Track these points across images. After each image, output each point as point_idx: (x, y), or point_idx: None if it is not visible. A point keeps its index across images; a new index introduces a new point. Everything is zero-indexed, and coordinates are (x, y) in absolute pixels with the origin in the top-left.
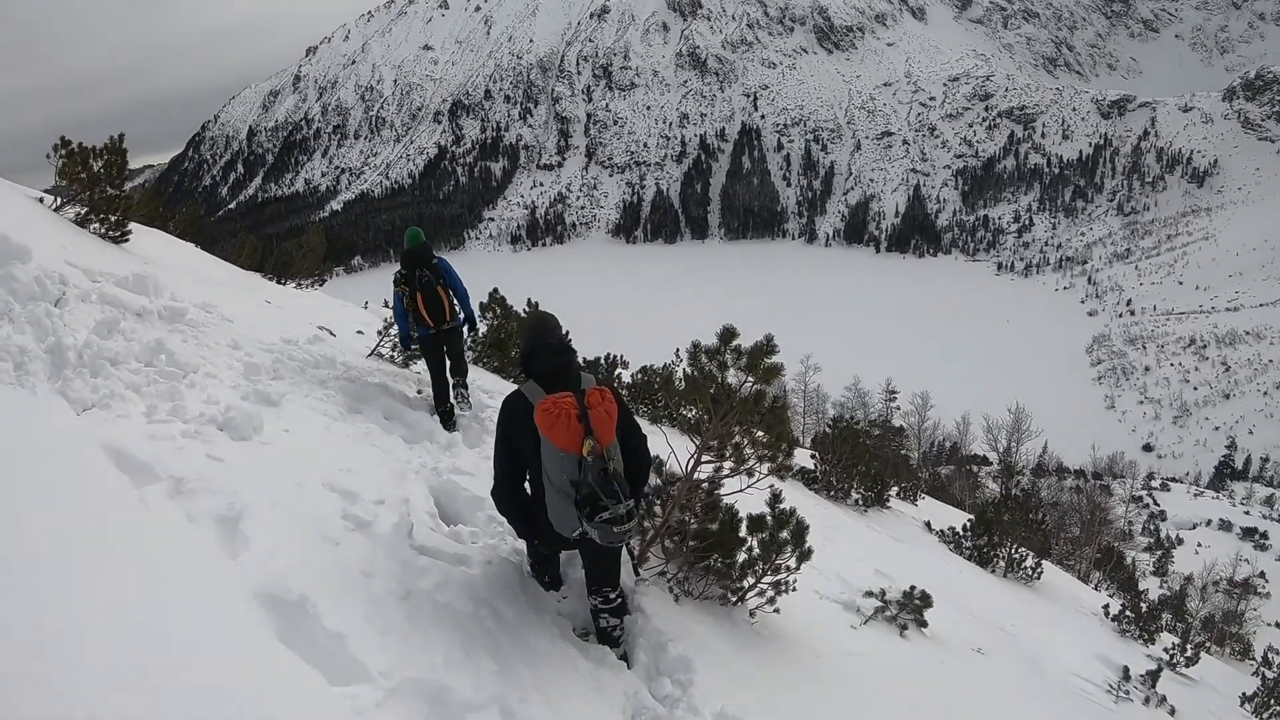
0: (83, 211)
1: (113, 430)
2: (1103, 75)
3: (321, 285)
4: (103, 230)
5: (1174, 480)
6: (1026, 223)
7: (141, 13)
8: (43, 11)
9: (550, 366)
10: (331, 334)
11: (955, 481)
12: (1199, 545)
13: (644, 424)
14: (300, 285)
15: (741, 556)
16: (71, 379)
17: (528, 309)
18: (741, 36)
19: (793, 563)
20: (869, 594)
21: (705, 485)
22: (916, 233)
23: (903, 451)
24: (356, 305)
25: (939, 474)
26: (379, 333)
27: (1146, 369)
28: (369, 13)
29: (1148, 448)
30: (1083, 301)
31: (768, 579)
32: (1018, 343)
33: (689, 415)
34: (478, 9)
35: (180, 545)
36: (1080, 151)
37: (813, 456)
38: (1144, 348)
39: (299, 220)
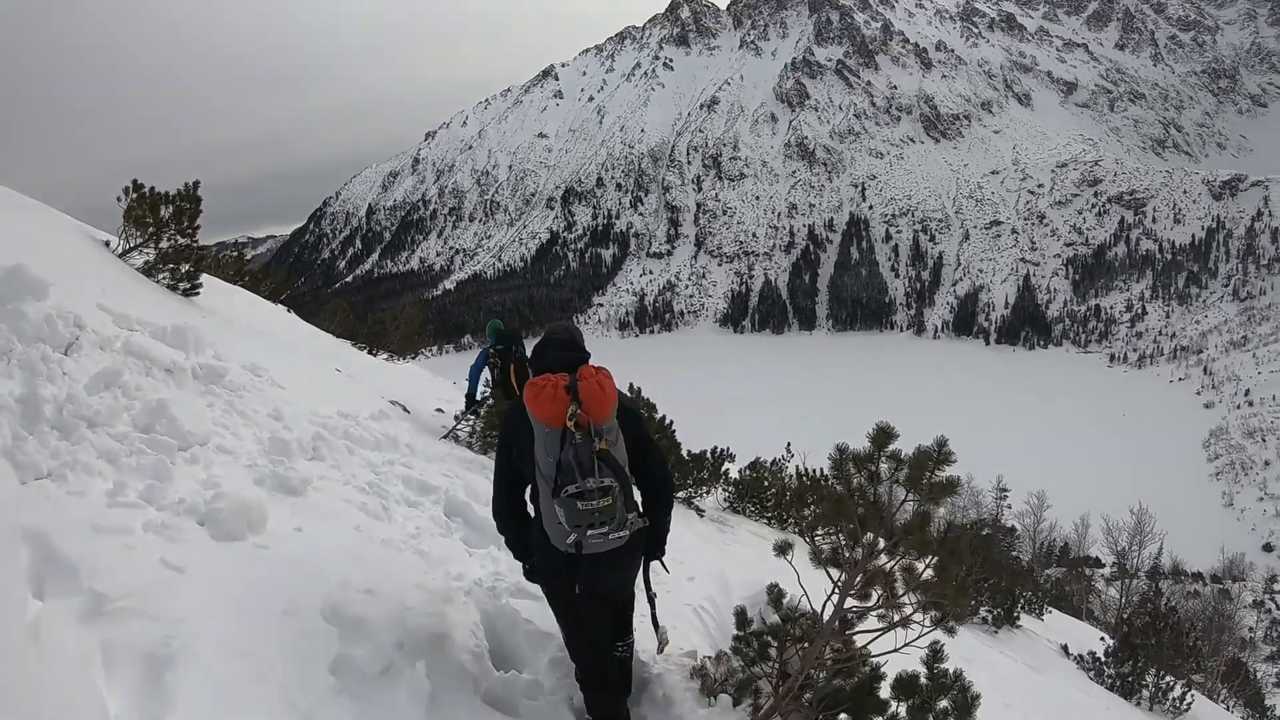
0: (150, 259)
1: (50, 511)
2: (1212, 154)
3: (414, 359)
4: (171, 281)
5: None
6: (1139, 312)
7: (274, 93)
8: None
9: (556, 361)
10: (405, 410)
11: (1067, 584)
12: None
13: (747, 524)
14: (392, 357)
15: None
16: (26, 439)
17: (627, 394)
18: (849, 127)
19: None
20: None
21: (841, 630)
22: (1027, 324)
23: (1014, 554)
24: (448, 380)
25: (1049, 577)
26: (456, 417)
27: (1266, 463)
28: (486, 100)
29: (1268, 547)
30: (1198, 393)
31: None
32: (1132, 438)
33: (826, 543)
34: (591, 99)
35: (66, 696)
36: (1193, 235)
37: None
38: (1263, 440)
39: (412, 297)
